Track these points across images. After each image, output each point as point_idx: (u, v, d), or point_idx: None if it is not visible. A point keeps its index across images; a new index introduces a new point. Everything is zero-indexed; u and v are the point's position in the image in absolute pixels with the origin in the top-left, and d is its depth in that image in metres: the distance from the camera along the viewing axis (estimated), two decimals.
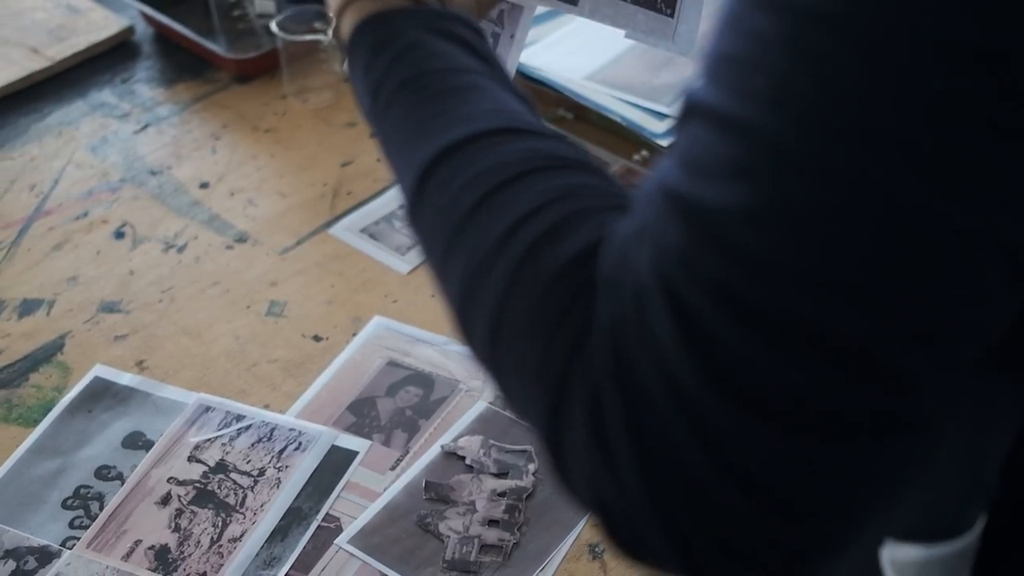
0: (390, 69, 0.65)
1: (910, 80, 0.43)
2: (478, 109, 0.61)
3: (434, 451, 1.03)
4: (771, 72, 0.46)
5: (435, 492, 1.00)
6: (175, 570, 0.95)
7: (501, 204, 0.55)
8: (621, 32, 0.81)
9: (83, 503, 1.01)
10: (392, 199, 1.32)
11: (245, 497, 1.00)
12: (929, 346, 0.45)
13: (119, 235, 1.29)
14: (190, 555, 0.96)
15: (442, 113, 0.61)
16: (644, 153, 1.33)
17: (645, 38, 0.81)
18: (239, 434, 1.05)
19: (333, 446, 1.04)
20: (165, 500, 1.00)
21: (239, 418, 1.07)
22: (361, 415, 1.07)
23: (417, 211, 0.60)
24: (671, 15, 0.79)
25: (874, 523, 0.49)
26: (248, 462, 1.03)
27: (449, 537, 0.96)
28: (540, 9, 0.87)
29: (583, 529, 0.97)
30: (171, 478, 1.02)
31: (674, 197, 0.48)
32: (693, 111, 0.49)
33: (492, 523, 0.97)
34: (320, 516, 0.99)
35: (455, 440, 1.04)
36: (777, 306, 0.45)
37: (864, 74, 0.44)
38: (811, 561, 0.47)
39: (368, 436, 1.05)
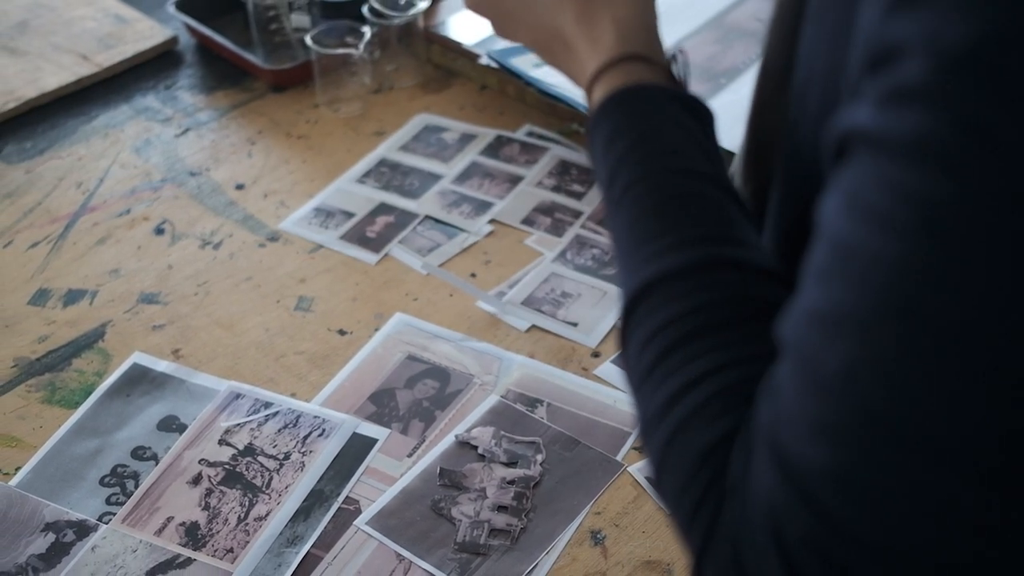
0: (623, 161, 0.64)
1: (972, 404, 0.44)
2: (688, 232, 0.61)
3: (448, 440, 1.04)
4: (843, 352, 0.46)
5: (448, 478, 1.00)
6: (204, 546, 0.95)
7: (673, 367, 0.56)
8: None
9: (119, 481, 1.01)
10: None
11: (271, 479, 1.01)
12: None
13: (159, 231, 1.30)
14: (218, 532, 0.96)
15: (656, 235, 0.61)
16: None
17: None
18: (267, 420, 1.06)
19: (354, 433, 1.05)
20: (196, 480, 1.01)
21: (267, 405, 1.07)
22: (381, 405, 1.08)
23: (624, 340, 0.61)
24: None
25: None
26: (274, 446, 1.03)
27: (461, 521, 0.96)
28: None
29: (586, 517, 0.97)
30: (202, 460, 1.03)
31: (771, 441, 0.49)
32: (784, 349, 0.50)
33: (501, 509, 0.97)
34: (341, 498, 0.99)
35: (468, 430, 1.04)
36: (853, 563, 0.46)
37: (918, 375, 0.44)
38: None
39: (387, 425, 1.06)
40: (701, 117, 0.68)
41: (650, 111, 0.66)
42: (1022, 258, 0.42)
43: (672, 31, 1.48)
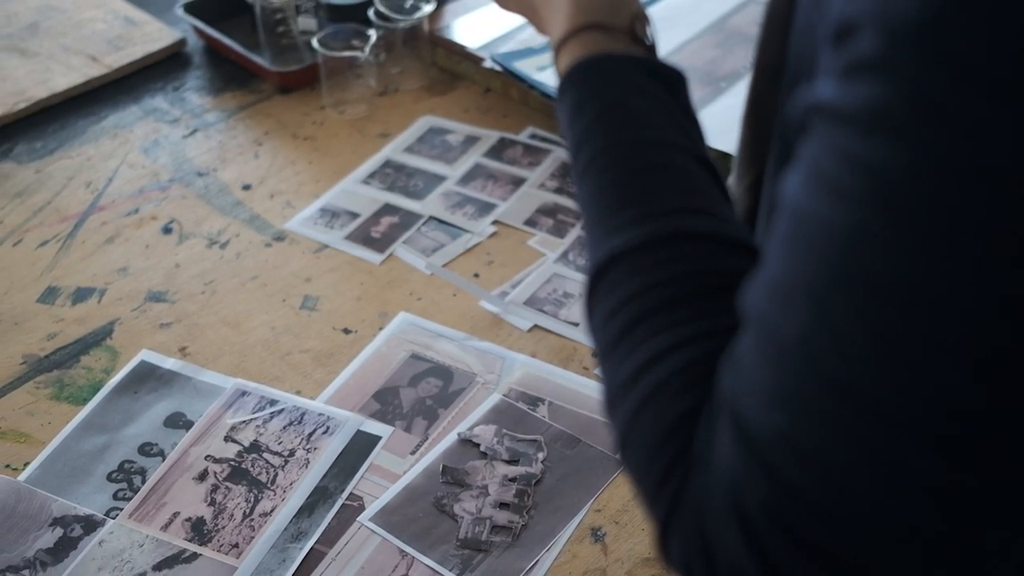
0: (588, 132, 0.64)
1: (929, 369, 0.44)
2: (656, 204, 0.60)
3: (451, 438, 1.04)
4: (802, 315, 0.46)
5: (451, 476, 1.00)
6: (210, 541, 0.95)
7: (639, 339, 0.56)
8: None
9: (127, 477, 1.01)
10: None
11: (276, 475, 1.01)
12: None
13: (167, 231, 1.30)
14: (224, 527, 0.96)
15: (622, 205, 0.61)
16: None
17: None
18: (272, 417, 1.06)
19: (358, 431, 1.05)
20: (202, 476, 1.01)
21: (272, 402, 1.07)
22: (385, 403, 1.08)
23: (590, 307, 0.61)
24: None
25: None
26: (280, 443, 1.03)
27: (463, 518, 0.96)
28: None
29: (586, 514, 0.97)
30: (208, 456, 1.03)
31: (731, 410, 0.49)
32: (746, 319, 0.50)
33: (503, 506, 0.97)
34: (345, 495, 0.99)
35: (471, 428, 1.04)
36: (811, 530, 0.46)
37: (879, 341, 0.44)
38: None
39: (391, 422, 1.06)
40: (669, 82, 0.67)
41: (612, 81, 0.65)
42: (966, 228, 0.42)
43: (673, 35, 1.48)
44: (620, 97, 0.64)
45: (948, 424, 0.44)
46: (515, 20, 1.51)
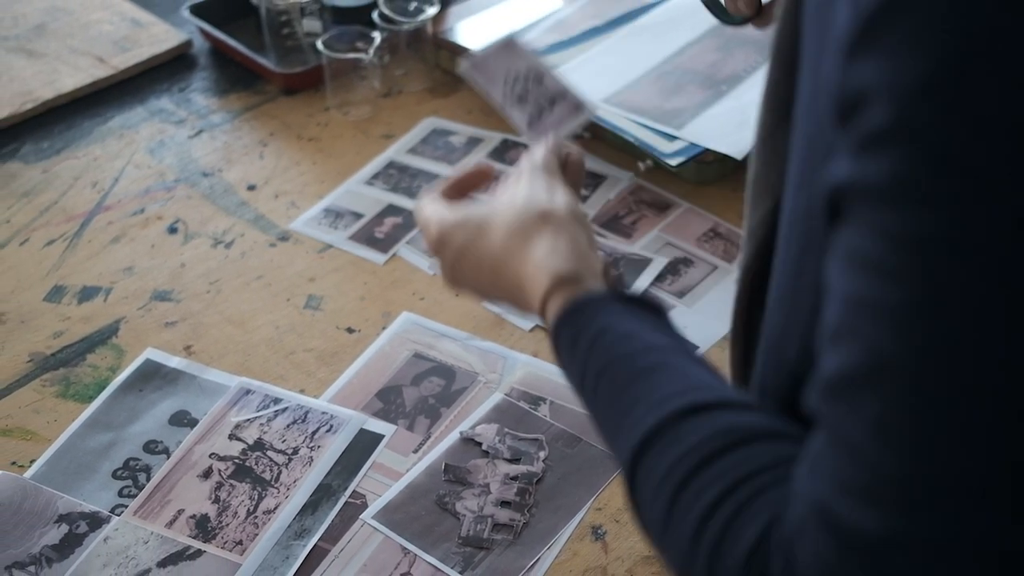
0: (588, 358, 0.66)
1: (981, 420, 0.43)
2: (663, 392, 0.61)
3: (453, 437, 1.04)
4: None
5: (453, 474, 1.00)
6: (214, 538, 0.96)
7: (686, 505, 0.55)
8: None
9: (132, 474, 1.01)
10: None
11: (280, 473, 1.01)
12: None
13: (172, 230, 1.30)
14: (228, 524, 0.97)
15: (634, 404, 0.62)
16: (648, 162, 1.33)
17: None
18: (276, 415, 1.06)
19: (361, 429, 1.05)
20: (207, 474, 1.01)
21: (276, 401, 1.07)
22: (388, 402, 1.08)
23: (635, 504, 0.61)
24: None
25: None
26: (283, 441, 1.04)
27: (465, 516, 0.97)
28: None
29: (587, 513, 0.97)
30: (213, 454, 1.03)
31: (822, 516, 0.48)
32: (817, 420, 0.49)
33: (504, 504, 0.98)
34: (348, 493, 0.99)
35: (473, 427, 1.05)
36: None
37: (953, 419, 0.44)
38: None
39: (393, 421, 1.06)
40: (647, 307, 0.69)
41: (598, 313, 0.68)
42: (1015, 279, 0.42)
43: (675, 38, 1.48)
44: (608, 323, 0.67)
45: None
46: (518, 23, 1.51)
